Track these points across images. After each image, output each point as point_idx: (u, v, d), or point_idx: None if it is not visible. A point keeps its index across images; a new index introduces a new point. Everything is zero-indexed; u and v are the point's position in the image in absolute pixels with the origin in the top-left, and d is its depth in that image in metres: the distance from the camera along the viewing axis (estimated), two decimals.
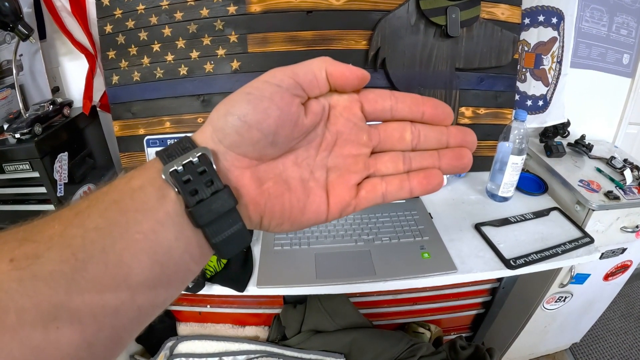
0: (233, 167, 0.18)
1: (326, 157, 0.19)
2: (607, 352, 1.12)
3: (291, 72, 0.18)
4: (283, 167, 0.19)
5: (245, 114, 0.17)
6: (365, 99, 0.20)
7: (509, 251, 0.67)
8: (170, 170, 0.16)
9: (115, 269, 0.14)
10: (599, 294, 1.00)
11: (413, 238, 0.65)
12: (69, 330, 0.13)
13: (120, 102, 0.83)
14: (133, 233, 0.15)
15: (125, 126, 0.84)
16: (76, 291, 0.13)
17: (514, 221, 0.75)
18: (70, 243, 0.14)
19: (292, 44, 0.76)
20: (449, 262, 0.61)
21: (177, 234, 0.16)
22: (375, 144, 0.20)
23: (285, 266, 0.60)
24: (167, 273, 0.16)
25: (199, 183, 0.16)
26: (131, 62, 0.80)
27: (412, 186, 0.19)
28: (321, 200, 0.19)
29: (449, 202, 0.77)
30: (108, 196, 0.16)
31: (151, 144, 0.84)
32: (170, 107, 0.82)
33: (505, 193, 0.78)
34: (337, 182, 0.19)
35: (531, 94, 0.90)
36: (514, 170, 0.76)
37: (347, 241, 0.64)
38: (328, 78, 0.18)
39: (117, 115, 0.83)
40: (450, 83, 0.80)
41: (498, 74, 0.84)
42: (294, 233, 0.66)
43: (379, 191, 0.20)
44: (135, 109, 0.83)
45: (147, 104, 0.82)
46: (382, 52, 0.76)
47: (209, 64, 0.78)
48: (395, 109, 0.19)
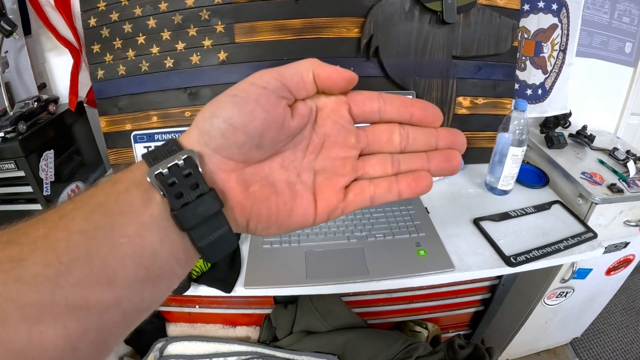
0: (219, 170, 0.17)
1: (313, 159, 0.19)
2: (609, 346, 1.07)
3: (278, 74, 0.17)
4: (270, 170, 0.18)
5: (231, 116, 0.16)
6: (353, 101, 0.19)
7: (509, 247, 0.62)
8: (155, 173, 0.16)
9: (100, 273, 0.14)
10: (600, 289, 0.95)
11: (409, 234, 0.60)
12: (53, 334, 0.13)
13: (106, 97, 0.78)
14: (118, 236, 0.14)
15: (111, 122, 0.79)
16: (60, 294, 0.13)
17: (514, 215, 0.70)
18: (55, 246, 0.14)
19: (280, 33, 0.71)
20: (446, 260, 0.56)
21: (162, 237, 0.15)
22: (364, 146, 0.19)
23: (274, 265, 0.55)
24: (152, 277, 0.15)
25: (185, 186, 0.16)
26: (116, 55, 0.75)
27: (400, 189, 0.19)
28: (308, 204, 0.18)
29: (446, 195, 0.72)
30: (93, 199, 0.15)
31: (138, 139, 0.79)
32: (156, 101, 0.77)
33: (505, 186, 0.73)
34: (325, 185, 0.19)
35: (531, 82, 0.84)
36: (514, 163, 0.71)
37: (339, 238, 0.59)
38: (315, 80, 0.18)
39: (103, 110, 0.79)
40: (447, 72, 0.74)
41: (497, 62, 0.79)
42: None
43: (367, 194, 0.19)
44: (121, 104, 0.78)
45: (133, 98, 0.77)
46: (375, 40, 0.70)
47: (195, 55, 0.73)
48: (383, 111, 0.19)
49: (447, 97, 0.75)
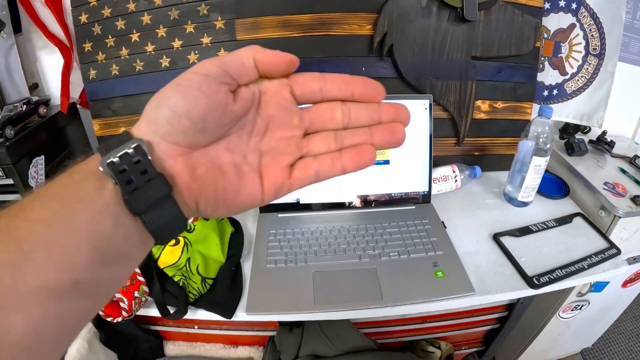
0: (167, 156, 0.17)
1: (259, 141, 0.19)
2: (618, 355, 1.01)
3: (219, 62, 0.18)
4: (215, 153, 0.18)
5: (175, 104, 0.17)
6: (294, 83, 0.19)
7: (531, 266, 0.55)
8: (107, 162, 0.16)
9: (58, 258, 0.14)
10: (615, 300, 0.88)
11: (425, 253, 0.53)
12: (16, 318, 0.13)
13: (99, 98, 0.70)
14: (74, 223, 0.15)
15: (105, 125, 0.71)
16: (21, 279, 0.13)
17: (536, 230, 0.62)
18: (16, 235, 0.14)
19: (286, 30, 0.62)
20: (465, 283, 0.49)
21: (116, 222, 0.16)
22: (307, 125, 0.20)
23: (278, 288, 0.48)
24: (109, 259, 0.16)
25: (135, 172, 0.16)
26: (109, 54, 0.67)
27: (344, 163, 0.19)
28: (254, 183, 0.19)
29: (463, 207, 0.65)
30: (51, 190, 0.16)
31: None
32: None
33: (525, 198, 0.65)
34: (270, 165, 0.19)
35: (548, 83, 0.76)
36: (536, 174, 0.63)
37: (350, 257, 0.52)
38: (256, 65, 0.18)
39: (96, 113, 0.71)
40: (465, 73, 0.66)
41: (518, 64, 0.70)
42: (289, 247, 0.54)
43: (311, 170, 0.19)
44: (115, 106, 0.70)
45: (128, 100, 0.69)
46: (389, 38, 0.62)
47: (193, 54, 0.65)
48: (324, 90, 0.19)
49: (465, 100, 0.67)
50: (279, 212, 0.61)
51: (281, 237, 0.56)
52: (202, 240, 0.52)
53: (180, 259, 0.50)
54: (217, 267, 0.52)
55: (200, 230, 0.52)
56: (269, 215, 0.60)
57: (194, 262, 0.50)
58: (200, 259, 0.50)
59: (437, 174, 0.65)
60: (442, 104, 0.67)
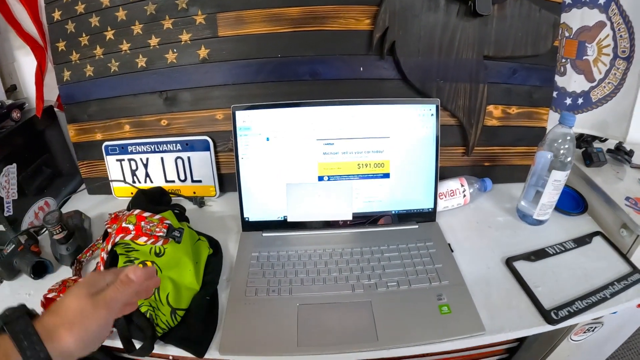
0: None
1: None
2: None
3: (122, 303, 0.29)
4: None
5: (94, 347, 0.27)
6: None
7: (549, 297, 0.46)
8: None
9: None
10: (629, 320, 0.78)
11: (429, 282, 0.44)
12: None
13: (74, 102, 0.63)
14: None
15: (81, 130, 0.64)
16: None
17: (552, 253, 0.53)
18: None
19: (273, 25, 0.54)
20: (474, 320, 0.41)
21: None
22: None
23: (258, 322, 0.40)
24: None
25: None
26: (83, 53, 0.59)
27: None
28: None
29: (472, 225, 0.56)
30: None
31: (110, 151, 0.64)
32: (128, 107, 0.61)
33: (541, 216, 0.56)
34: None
35: (571, 90, 0.66)
36: (554, 189, 0.53)
37: (341, 287, 0.44)
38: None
39: (71, 117, 0.64)
40: (476, 75, 0.57)
41: (534, 65, 0.61)
42: (273, 274, 0.46)
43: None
44: (91, 110, 0.63)
45: (103, 103, 0.62)
46: (391, 35, 0.53)
47: (171, 52, 0.57)
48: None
49: (475, 105, 0.58)
50: (264, 230, 0.53)
51: (264, 261, 0.47)
52: (174, 266, 0.44)
53: None
54: (191, 295, 0.44)
55: (172, 254, 0.44)
56: (252, 234, 0.52)
57: (164, 290, 0.42)
58: (171, 287, 0.43)
59: (444, 189, 0.56)
60: (450, 109, 0.58)
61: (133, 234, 0.44)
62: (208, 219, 0.60)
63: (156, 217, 0.46)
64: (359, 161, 0.51)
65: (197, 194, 0.65)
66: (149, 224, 0.45)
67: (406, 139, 0.51)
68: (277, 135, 0.50)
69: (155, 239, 0.44)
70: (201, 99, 0.59)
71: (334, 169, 0.51)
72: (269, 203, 0.52)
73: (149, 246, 0.44)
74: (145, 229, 0.45)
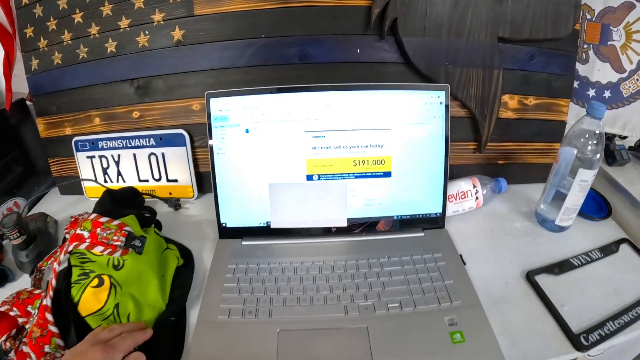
0: None
1: None
2: None
3: None
4: None
5: None
6: None
7: (576, 318, 0.39)
8: None
9: None
10: None
11: (437, 303, 0.36)
12: None
13: (43, 93, 0.56)
14: None
15: (50, 124, 0.58)
16: None
17: (578, 264, 0.46)
18: None
19: (257, 0, 0.46)
20: (493, 350, 0.33)
21: None
22: None
23: (230, 351, 0.33)
24: None
25: None
26: (51, 39, 0.53)
27: None
28: None
29: (486, 232, 0.48)
30: None
31: (80, 147, 0.57)
32: (98, 97, 0.54)
33: (564, 221, 0.49)
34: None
35: (595, 80, 0.58)
36: (580, 191, 0.46)
37: (332, 309, 0.36)
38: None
39: (40, 110, 0.57)
40: (490, 59, 0.49)
41: (553, 50, 0.53)
42: (250, 291, 0.38)
43: None
44: (59, 101, 0.56)
45: (72, 94, 0.55)
46: (392, 11, 0.45)
47: (142, 35, 0.49)
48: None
49: (489, 94, 0.50)
50: (243, 237, 0.45)
51: (242, 275, 0.39)
52: (135, 281, 0.37)
53: (107, 305, 0.35)
54: (155, 315, 0.37)
55: (132, 266, 0.37)
56: (230, 242, 0.44)
57: (125, 308, 0.36)
58: (132, 306, 0.36)
59: (454, 190, 0.48)
60: (461, 98, 0.50)
61: (88, 243, 0.37)
62: (183, 223, 0.52)
63: (114, 222, 0.39)
64: (354, 157, 0.44)
65: (174, 195, 0.57)
66: (105, 231, 0.38)
67: (411, 131, 0.43)
68: (258, 127, 0.42)
69: (113, 248, 0.37)
70: (176, 87, 0.52)
71: (325, 167, 0.43)
72: (250, 206, 0.44)
73: (107, 257, 0.36)
74: (101, 237, 0.38)
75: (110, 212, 0.40)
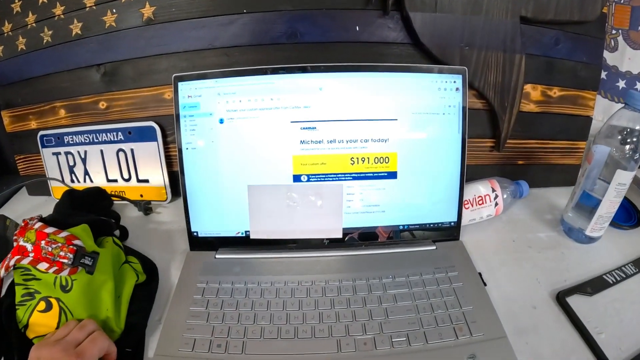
0: None
1: None
2: None
3: None
4: None
5: None
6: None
7: (614, 347, 0.32)
8: None
9: None
10: None
11: (454, 337, 0.29)
12: None
13: (7, 83, 0.49)
14: None
15: (15, 118, 0.51)
16: None
17: (612, 282, 0.39)
18: None
19: None
20: None
21: None
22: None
23: None
24: None
25: None
26: (15, 23, 0.47)
27: None
28: None
29: (506, 245, 0.41)
30: None
31: (46, 142, 0.52)
32: (63, 86, 0.48)
33: (595, 231, 0.41)
34: None
35: (625, 70, 0.51)
36: (617, 196, 0.39)
37: (320, 345, 0.28)
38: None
39: (5, 101, 0.51)
40: (512, 42, 0.41)
41: (579, 35, 0.46)
42: (221, 319, 0.30)
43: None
44: (24, 92, 0.50)
45: (37, 83, 0.49)
46: None
47: (109, 13, 0.43)
48: None
49: (510, 82, 0.43)
50: (218, 250, 0.37)
51: (212, 297, 0.32)
52: (87, 306, 0.30)
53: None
54: None
55: (82, 289, 0.30)
56: (202, 255, 0.36)
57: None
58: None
59: (470, 194, 0.41)
60: (478, 86, 0.42)
61: (31, 257, 0.30)
62: (152, 231, 0.45)
63: (62, 235, 0.32)
64: (352, 154, 0.36)
65: (145, 197, 0.50)
66: (50, 245, 0.31)
67: (420, 122, 0.36)
68: (234, 117, 0.34)
69: (59, 266, 0.30)
70: (145, 72, 0.45)
71: (316, 165, 0.36)
72: (226, 213, 0.36)
73: (53, 275, 0.30)
74: (45, 252, 0.31)
75: (65, 217, 0.34)
